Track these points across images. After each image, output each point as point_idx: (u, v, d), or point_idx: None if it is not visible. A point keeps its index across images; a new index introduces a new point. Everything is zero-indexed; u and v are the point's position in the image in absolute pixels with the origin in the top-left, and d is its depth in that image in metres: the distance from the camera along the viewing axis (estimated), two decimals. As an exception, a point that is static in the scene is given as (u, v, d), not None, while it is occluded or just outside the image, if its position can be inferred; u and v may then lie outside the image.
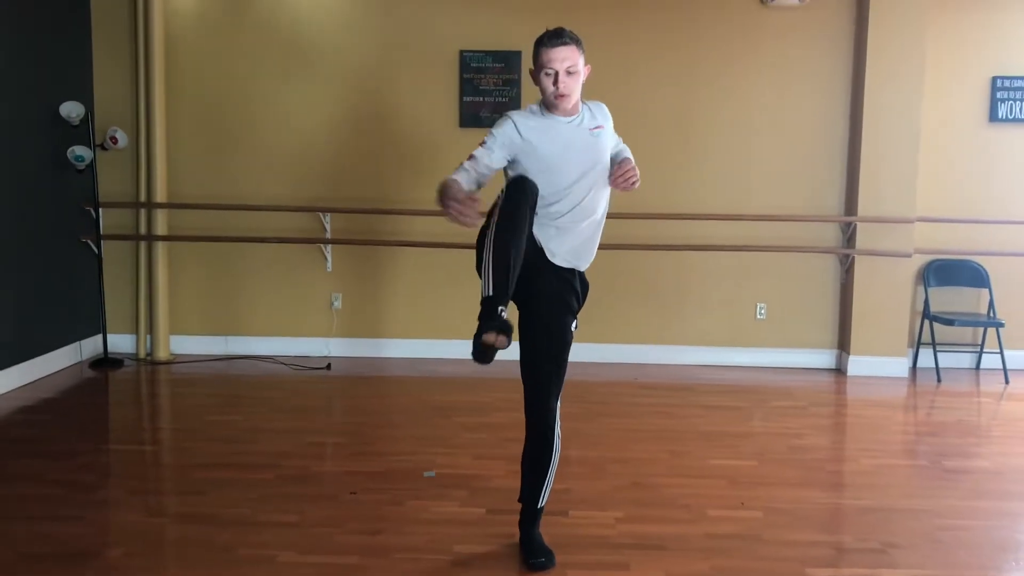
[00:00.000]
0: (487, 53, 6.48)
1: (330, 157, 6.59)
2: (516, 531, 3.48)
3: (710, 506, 3.88)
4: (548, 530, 3.49)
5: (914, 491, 4.15)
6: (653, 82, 6.52)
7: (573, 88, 3.09)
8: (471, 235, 6.50)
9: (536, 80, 3.13)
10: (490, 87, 6.50)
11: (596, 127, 3.23)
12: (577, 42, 3.09)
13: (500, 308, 2.84)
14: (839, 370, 6.61)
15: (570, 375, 6.40)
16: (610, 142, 3.32)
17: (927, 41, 6.28)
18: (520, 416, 3.33)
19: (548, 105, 3.16)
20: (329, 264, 6.64)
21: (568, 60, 3.05)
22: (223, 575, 3.14)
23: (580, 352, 6.47)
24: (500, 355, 2.90)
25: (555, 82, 3.05)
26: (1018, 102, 6.53)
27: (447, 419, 5.18)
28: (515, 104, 6.47)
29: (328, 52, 6.53)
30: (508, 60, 6.47)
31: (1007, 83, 6.52)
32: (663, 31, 6.49)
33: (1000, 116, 6.55)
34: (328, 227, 6.57)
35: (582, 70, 3.11)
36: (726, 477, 4.26)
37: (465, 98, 6.52)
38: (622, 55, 6.49)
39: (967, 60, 6.54)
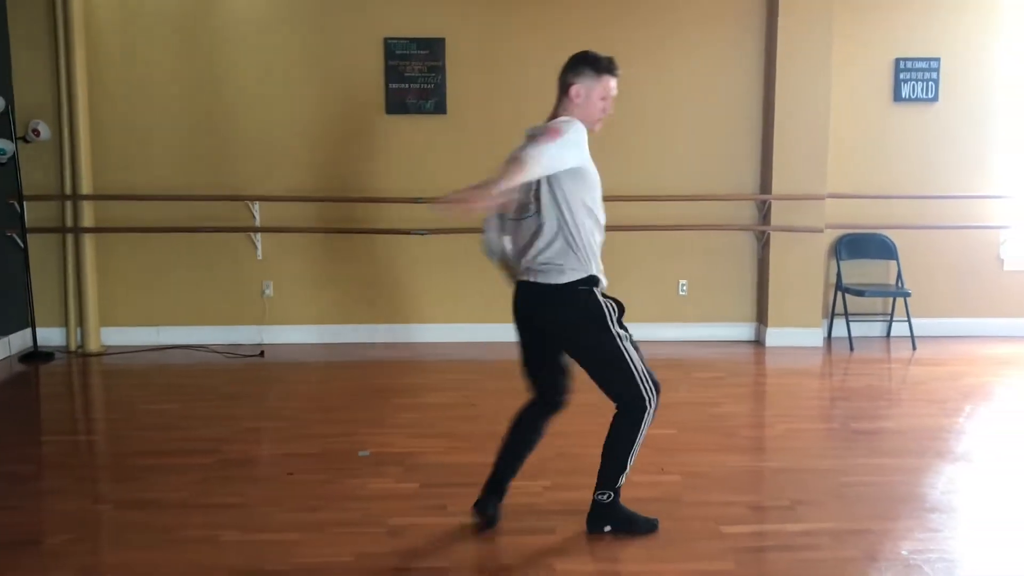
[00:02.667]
0: (411, 40, 6.58)
1: (257, 145, 6.63)
2: (448, 502, 3.69)
3: (632, 472, 4.05)
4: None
5: (823, 452, 4.43)
6: (575, 67, 6.67)
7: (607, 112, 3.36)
8: (399, 221, 6.66)
9: (584, 98, 3.29)
10: (415, 74, 6.60)
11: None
12: None
13: None
14: (758, 342, 6.91)
15: (500, 355, 6.56)
16: None
17: (834, 25, 6.56)
18: (452, 395, 3.47)
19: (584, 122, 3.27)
20: (259, 252, 6.69)
21: (615, 88, 3.33)
22: (168, 555, 3.24)
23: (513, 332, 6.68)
24: (432, 337, 3.03)
25: (606, 109, 3.31)
26: (920, 82, 6.86)
27: (383, 401, 5.32)
28: (440, 91, 6.60)
29: (252, 40, 6.57)
30: (432, 47, 6.58)
31: (909, 64, 6.85)
32: (583, 12, 6.63)
33: (903, 96, 6.88)
34: (257, 215, 6.62)
35: None
36: (648, 445, 4.38)
37: (391, 85, 6.61)
38: (544, 35, 6.61)
39: (872, 43, 6.85)
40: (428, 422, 4.85)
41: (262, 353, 6.48)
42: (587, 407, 5.16)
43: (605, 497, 3.39)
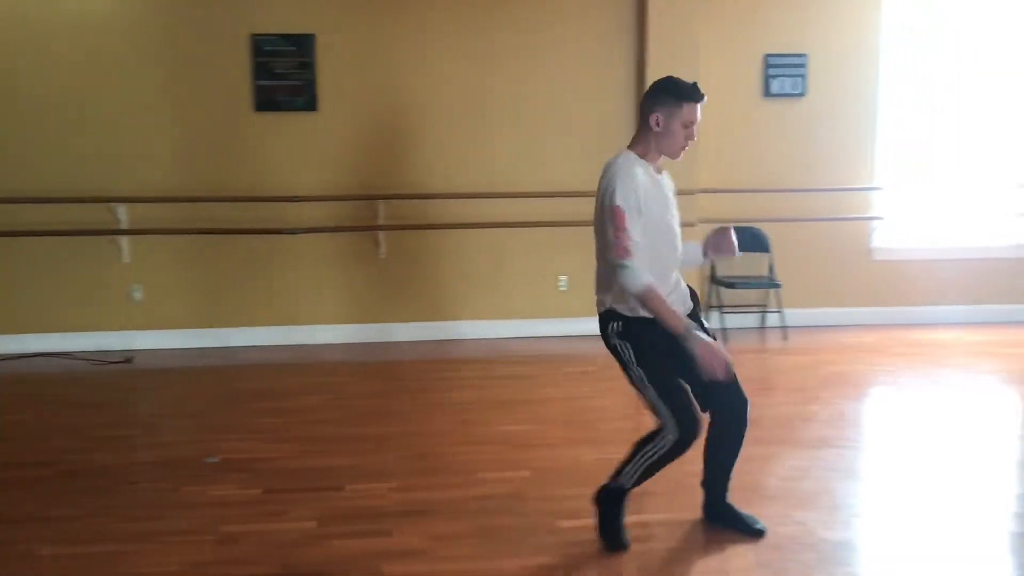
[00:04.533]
0: (280, 36, 6.46)
1: (120, 145, 6.43)
2: (288, 508, 3.61)
3: (484, 470, 4.07)
4: (321, 504, 3.62)
5: (676, 443, 4.47)
6: (450, 61, 6.65)
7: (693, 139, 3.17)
8: (271, 220, 6.52)
9: (664, 126, 3.10)
10: (285, 70, 6.48)
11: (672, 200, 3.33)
12: None
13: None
14: (637, 335, 6.96)
15: (379, 355, 6.48)
16: None
17: (703, 21, 6.66)
18: (318, 398, 3.36)
19: (653, 153, 3.19)
20: (125, 255, 6.48)
21: (699, 114, 3.11)
22: (-23, 573, 3.12)
23: (390, 332, 6.67)
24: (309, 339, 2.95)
25: (690, 136, 3.10)
26: (788, 78, 7.01)
27: (244, 405, 5.21)
28: (310, 88, 6.49)
29: (111, 35, 6.36)
30: (302, 44, 6.48)
31: (778, 60, 6.99)
32: (457, 9, 6.61)
33: (773, 91, 7.02)
34: (123, 218, 6.42)
35: None
36: (507, 442, 4.47)
37: (259, 82, 6.48)
38: (418, 31, 6.59)
39: (742, 39, 6.98)
40: (286, 426, 4.76)
41: (130, 359, 6.29)
42: (454, 404, 5.18)
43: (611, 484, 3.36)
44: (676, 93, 3.09)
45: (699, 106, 3.10)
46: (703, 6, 6.64)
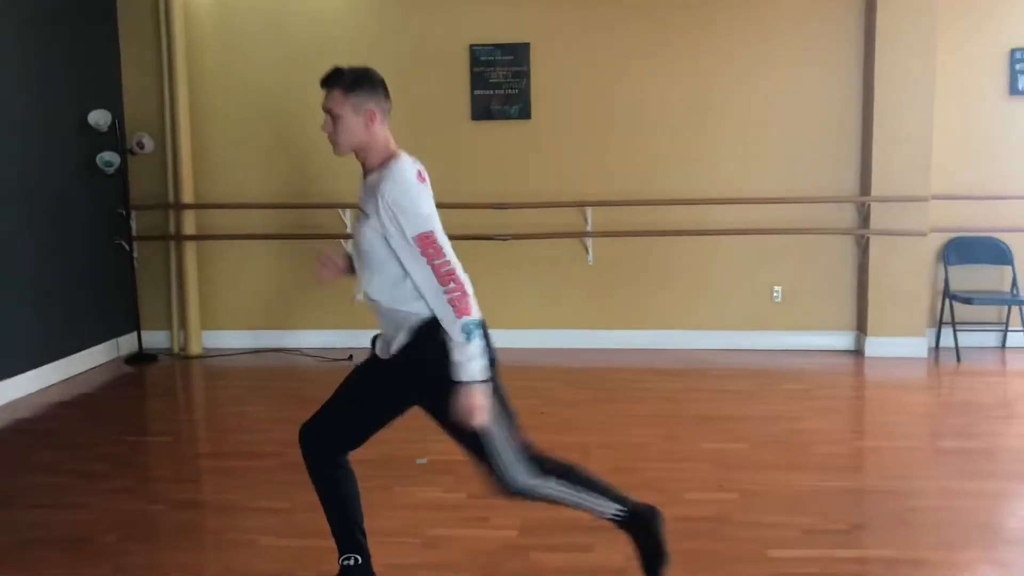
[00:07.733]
0: (496, 46, 6.58)
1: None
2: (491, 515, 3.67)
3: (689, 489, 3.94)
4: (521, 512, 3.62)
5: (898, 472, 4.15)
6: (666, 67, 6.54)
7: (335, 132, 2.81)
8: (483, 226, 6.61)
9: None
10: (500, 80, 6.60)
11: (365, 212, 2.79)
12: (347, 86, 2.78)
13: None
14: (858, 351, 6.56)
15: (584, 361, 6.47)
16: (383, 236, 2.74)
17: (939, 15, 6.17)
18: (521, 403, 3.36)
19: None
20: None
21: (329, 102, 2.79)
22: (202, 558, 3.35)
23: (597, 339, 6.64)
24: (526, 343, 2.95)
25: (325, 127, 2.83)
26: (1039, 74, 6.38)
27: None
28: (524, 96, 6.58)
29: (341, 49, 6.67)
30: (517, 52, 6.57)
31: (1028, 55, 6.38)
32: (674, 15, 6.49)
33: (1020, 89, 6.41)
34: (349, 222, 6.76)
35: (349, 115, 2.78)
36: (712, 460, 4.32)
37: (476, 91, 6.63)
38: (634, 39, 6.52)
39: (984, 33, 6.41)
40: (491, 431, 4.82)
41: (351, 357, 6.60)
42: (655, 417, 5.06)
43: None
44: None
45: (326, 93, 2.80)
46: (940, -2, 6.17)
